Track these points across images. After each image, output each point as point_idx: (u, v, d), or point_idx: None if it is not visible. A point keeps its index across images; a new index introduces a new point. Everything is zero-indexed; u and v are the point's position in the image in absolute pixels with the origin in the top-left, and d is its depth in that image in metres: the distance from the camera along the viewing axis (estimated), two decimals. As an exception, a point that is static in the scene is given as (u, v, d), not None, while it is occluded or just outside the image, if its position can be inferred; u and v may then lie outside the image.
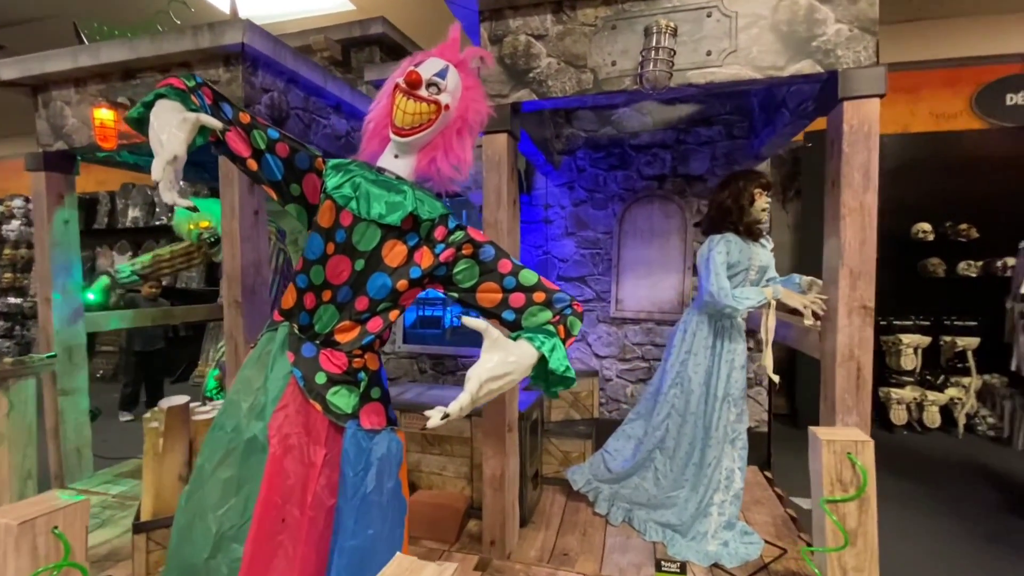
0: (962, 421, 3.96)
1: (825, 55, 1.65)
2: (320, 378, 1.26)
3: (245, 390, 1.28)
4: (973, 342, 3.99)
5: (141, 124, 1.27)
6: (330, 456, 1.26)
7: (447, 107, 1.31)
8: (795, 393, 4.39)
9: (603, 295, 3.09)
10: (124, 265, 2.88)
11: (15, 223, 6.70)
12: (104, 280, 2.76)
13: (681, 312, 3.05)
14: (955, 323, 4.17)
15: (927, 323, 4.19)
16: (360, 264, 1.27)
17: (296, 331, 1.31)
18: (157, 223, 6.27)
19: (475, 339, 3.36)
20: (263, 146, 1.30)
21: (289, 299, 1.33)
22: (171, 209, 6.33)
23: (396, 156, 1.36)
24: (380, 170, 1.36)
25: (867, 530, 1.46)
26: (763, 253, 1.94)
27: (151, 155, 1.14)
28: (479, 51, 1.42)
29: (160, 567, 1.71)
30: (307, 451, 1.25)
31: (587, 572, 1.90)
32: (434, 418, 1.02)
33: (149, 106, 1.22)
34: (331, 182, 1.33)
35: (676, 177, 2.96)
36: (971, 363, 3.99)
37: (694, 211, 2.94)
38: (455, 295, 1.36)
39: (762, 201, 1.91)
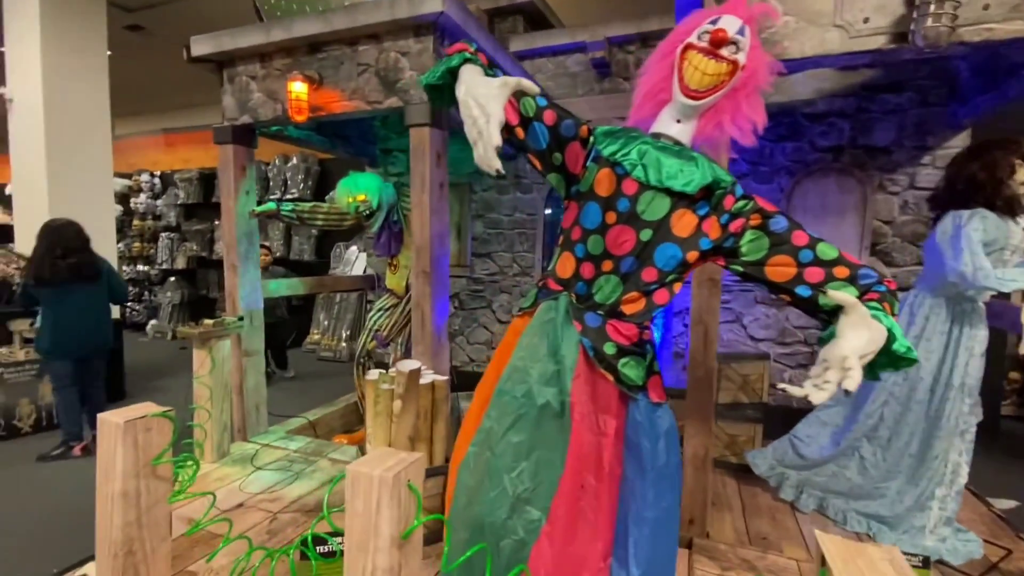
0: None
1: None
2: (609, 348, 1.24)
3: (531, 356, 1.28)
4: None
5: (437, 90, 1.28)
6: (618, 426, 1.25)
7: (742, 67, 1.23)
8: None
9: (760, 275, 2.94)
10: (287, 203, 3.02)
11: (143, 196, 7.26)
12: (272, 204, 2.90)
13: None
14: None
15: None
16: (647, 234, 1.23)
17: (574, 300, 1.30)
18: (271, 198, 6.58)
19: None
20: (531, 113, 1.28)
21: (567, 268, 1.31)
22: (285, 185, 6.63)
23: (678, 121, 1.29)
24: (657, 136, 1.31)
25: None
26: (1017, 231, 1.75)
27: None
28: (767, 7, 1.32)
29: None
30: (596, 420, 1.24)
31: (798, 557, 1.84)
32: (805, 393, 0.98)
33: (453, 72, 1.21)
34: (607, 149, 1.28)
35: (855, 148, 2.74)
36: None
37: (875, 186, 2.71)
38: (739, 268, 1.29)
39: (1022, 173, 1.71)
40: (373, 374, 1.94)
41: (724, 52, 1.21)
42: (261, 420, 2.93)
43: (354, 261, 6.26)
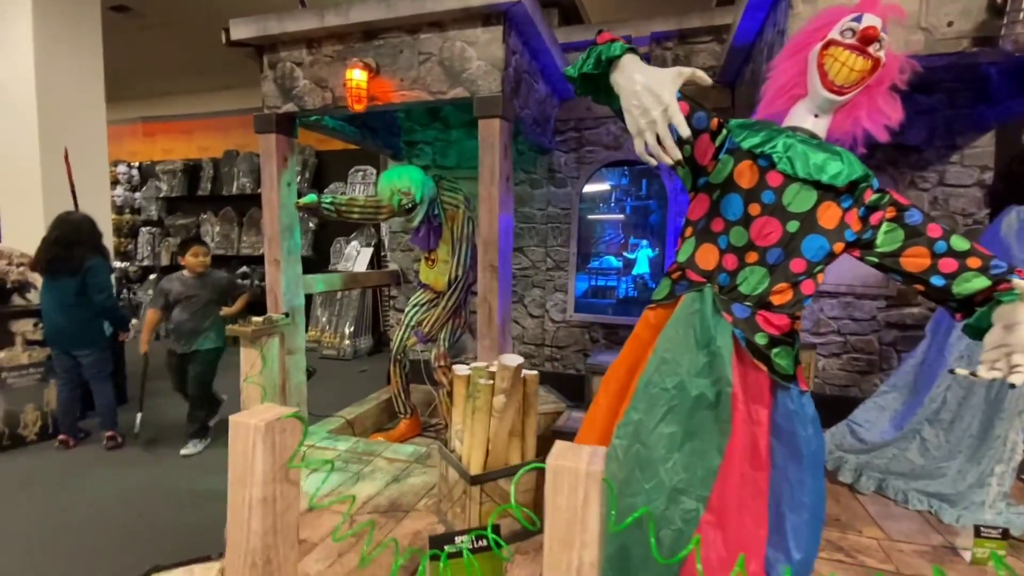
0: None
1: None
2: (761, 338, 1.26)
3: (680, 348, 1.29)
4: None
5: (589, 80, 1.26)
6: (768, 415, 1.27)
7: (883, 64, 1.27)
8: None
9: (796, 268, 3.05)
10: (326, 195, 2.95)
11: (120, 189, 6.85)
12: (312, 197, 2.81)
13: (884, 287, 3.02)
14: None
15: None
16: (793, 226, 1.26)
17: (717, 291, 1.31)
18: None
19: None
20: None
21: (710, 259, 1.33)
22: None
23: (815, 115, 1.32)
24: (794, 129, 1.33)
25: None
26: None
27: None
28: (898, 7, 1.36)
29: (489, 516, 1.78)
30: (749, 409, 1.26)
31: (876, 536, 1.93)
32: (992, 376, 1.02)
33: (610, 62, 1.19)
34: (748, 142, 1.30)
35: (889, 147, 2.86)
36: None
37: (907, 183, 2.85)
38: (874, 259, 1.33)
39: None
40: (462, 369, 1.91)
41: (870, 49, 1.24)
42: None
43: (356, 257, 6.10)
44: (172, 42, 5.81)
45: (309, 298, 6.24)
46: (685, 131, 1.08)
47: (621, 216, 3.44)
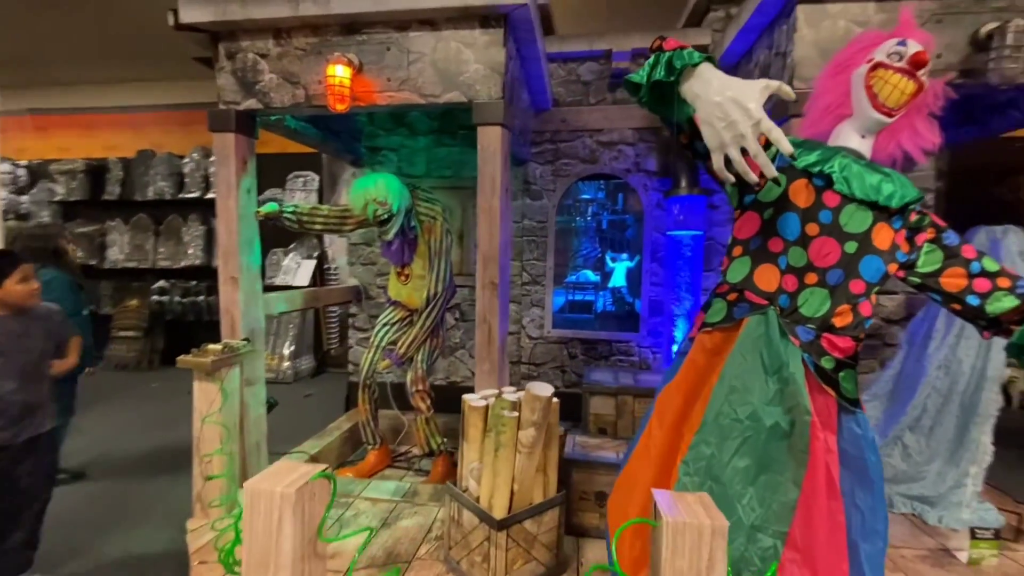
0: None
1: None
2: (827, 362, 1.22)
3: (749, 375, 1.22)
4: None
5: (654, 89, 1.16)
6: (837, 442, 1.23)
7: (925, 89, 1.30)
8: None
9: (765, 281, 3.16)
10: (288, 204, 2.66)
11: (3, 191, 5.82)
12: (274, 206, 2.52)
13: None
14: None
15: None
16: (851, 247, 1.24)
17: (779, 313, 1.26)
18: (188, 196, 5.67)
19: (628, 325, 3.36)
20: None
21: (771, 281, 1.28)
22: (207, 184, 5.72)
23: (863, 136, 1.32)
24: (840, 150, 1.33)
25: None
26: None
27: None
28: (927, 35, 1.40)
29: (516, 563, 1.61)
30: (825, 437, 1.21)
31: (879, 546, 1.98)
32: None
33: (680, 71, 1.11)
34: (802, 160, 1.28)
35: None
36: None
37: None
38: (916, 280, 1.35)
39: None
40: (475, 399, 1.73)
41: (919, 73, 1.26)
42: (262, 459, 2.48)
43: (295, 270, 5.62)
44: (70, 23, 5.05)
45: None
46: (788, 148, 1.02)
47: (597, 230, 3.41)
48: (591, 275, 3.40)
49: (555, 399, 1.74)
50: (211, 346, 2.10)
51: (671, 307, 3.15)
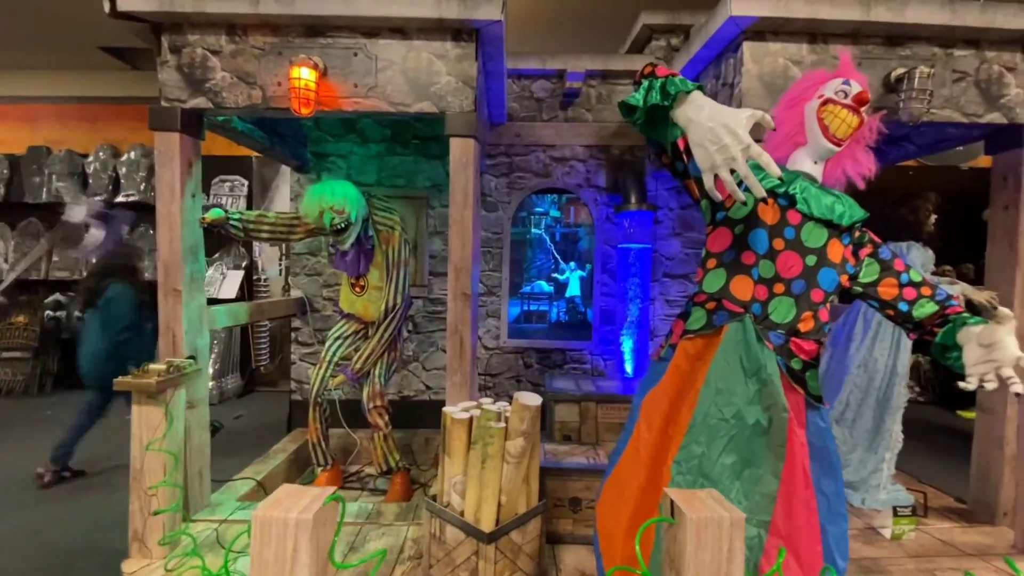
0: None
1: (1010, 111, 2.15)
2: (796, 363, 1.36)
3: (731, 378, 1.32)
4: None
5: (647, 115, 1.24)
6: (804, 435, 1.36)
7: (864, 124, 1.49)
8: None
9: (704, 291, 3.41)
10: (234, 211, 2.49)
11: None
12: (220, 212, 2.35)
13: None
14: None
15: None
16: (811, 260, 1.39)
17: (753, 320, 1.38)
18: (92, 199, 5.05)
19: (581, 334, 3.45)
20: None
21: (745, 290, 1.40)
22: (115, 187, 5.14)
23: (815, 162, 1.49)
24: (799, 173, 1.49)
25: None
26: (932, 257, 2.42)
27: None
28: (864, 76, 1.62)
29: (504, 575, 1.60)
30: (798, 432, 1.34)
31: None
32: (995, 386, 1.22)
33: (674, 96, 1.20)
34: (767, 183, 1.42)
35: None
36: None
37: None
38: (859, 289, 1.53)
39: (931, 217, 2.38)
40: (456, 411, 1.71)
41: (862, 110, 1.45)
42: (205, 490, 2.26)
43: (221, 282, 5.20)
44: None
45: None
46: (776, 172, 1.12)
47: (550, 242, 3.50)
48: (545, 285, 3.47)
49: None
50: (152, 365, 1.90)
51: (621, 316, 3.30)
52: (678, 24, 3.28)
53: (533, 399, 1.56)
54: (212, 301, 2.48)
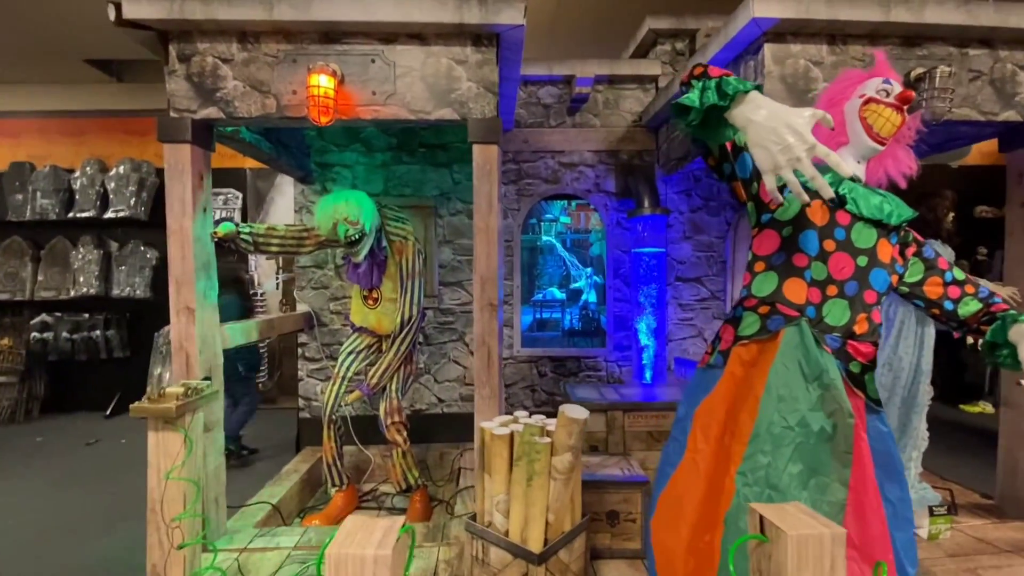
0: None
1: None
2: (855, 367, 1.33)
3: (793, 384, 1.28)
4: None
5: (702, 113, 1.20)
6: (869, 440, 1.33)
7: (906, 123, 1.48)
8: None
9: (717, 294, 3.40)
10: (244, 225, 2.41)
11: None
12: (231, 226, 2.28)
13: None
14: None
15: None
16: (863, 261, 1.37)
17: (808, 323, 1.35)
18: (79, 216, 4.88)
19: (595, 340, 3.41)
20: (743, 143, 1.34)
21: (799, 293, 1.36)
22: (103, 202, 4.96)
23: (858, 162, 1.48)
24: None
25: None
26: (952, 255, 2.44)
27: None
28: (899, 75, 1.61)
29: (553, 598, 1.53)
30: (865, 437, 1.30)
31: (854, 533, 2.17)
32: None
33: (732, 97, 1.17)
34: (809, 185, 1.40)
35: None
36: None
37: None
38: (905, 289, 1.52)
39: (950, 215, 2.40)
40: (495, 426, 1.65)
41: (905, 108, 1.44)
42: (221, 517, 2.16)
43: (216, 296, 5.05)
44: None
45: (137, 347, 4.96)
46: (847, 171, 1.10)
47: (561, 248, 3.46)
48: (557, 292, 3.43)
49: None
50: (169, 389, 1.80)
51: (635, 321, 3.26)
52: (683, 28, 3.29)
53: (580, 412, 1.51)
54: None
